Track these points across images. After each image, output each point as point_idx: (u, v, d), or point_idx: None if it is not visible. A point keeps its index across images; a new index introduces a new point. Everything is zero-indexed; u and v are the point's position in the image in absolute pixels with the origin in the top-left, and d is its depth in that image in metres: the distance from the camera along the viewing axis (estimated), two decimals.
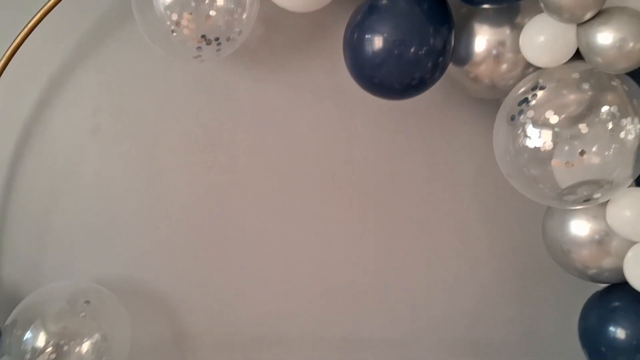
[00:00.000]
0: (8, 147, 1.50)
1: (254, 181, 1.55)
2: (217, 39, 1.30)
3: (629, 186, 1.20)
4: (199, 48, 1.33)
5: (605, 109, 1.13)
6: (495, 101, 1.33)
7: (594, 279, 1.33)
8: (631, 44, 1.09)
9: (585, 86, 1.15)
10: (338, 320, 1.57)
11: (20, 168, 1.52)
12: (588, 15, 1.12)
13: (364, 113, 1.54)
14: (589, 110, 1.14)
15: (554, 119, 1.12)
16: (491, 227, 1.56)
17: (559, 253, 1.33)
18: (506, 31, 1.25)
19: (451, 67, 1.31)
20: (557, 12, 1.12)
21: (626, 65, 1.12)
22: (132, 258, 1.54)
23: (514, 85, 1.25)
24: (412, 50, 1.20)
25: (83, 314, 1.37)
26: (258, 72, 1.53)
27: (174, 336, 1.56)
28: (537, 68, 1.22)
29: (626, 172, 1.15)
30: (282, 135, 1.54)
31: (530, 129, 1.14)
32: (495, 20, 1.26)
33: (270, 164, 1.54)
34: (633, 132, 1.14)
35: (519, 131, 1.16)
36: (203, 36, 1.29)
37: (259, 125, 1.54)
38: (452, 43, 1.25)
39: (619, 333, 1.26)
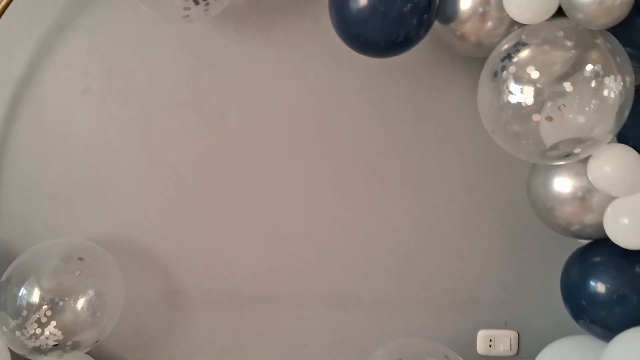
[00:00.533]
0: (0, 108, 1.52)
1: (243, 141, 1.56)
2: None
3: (610, 142, 1.22)
4: (186, 8, 1.33)
5: (589, 67, 1.14)
6: (482, 60, 1.33)
7: (577, 235, 1.35)
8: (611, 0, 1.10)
9: (569, 44, 1.15)
10: (327, 278, 1.60)
11: (13, 129, 1.53)
12: None
13: (353, 74, 1.54)
14: (573, 69, 1.14)
15: (535, 74, 1.13)
16: (478, 186, 1.57)
17: (543, 210, 1.35)
18: None
19: (438, 26, 1.31)
20: None
21: (607, 20, 1.12)
22: (125, 217, 1.57)
23: (499, 43, 1.26)
24: (397, 7, 1.20)
25: (78, 272, 1.40)
26: (247, 34, 1.53)
27: (168, 293, 1.59)
28: (522, 26, 1.23)
29: (607, 129, 1.17)
30: (271, 96, 1.55)
31: (513, 85, 1.15)
32: None
33: (260, 125, 1.56)
34: (615, 89, 1.15)
35: (502, 87, 1.17)
36: None
37: (248, 87, 1.55)
38: (437, 1, 1.25)
39: (600, 287, 1.29)
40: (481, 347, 1.60)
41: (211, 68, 1.54)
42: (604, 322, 1.29)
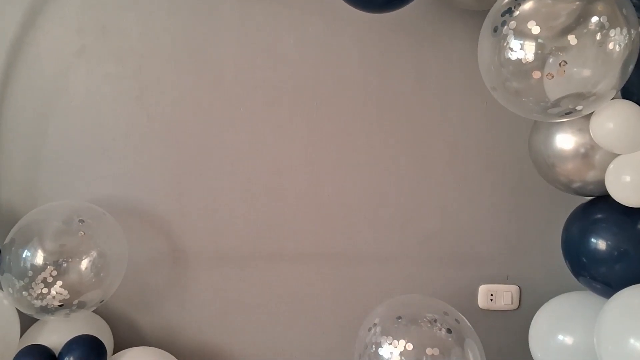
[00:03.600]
0: None
1: (241, 97, 1.54)
2: None
3: (613, 98, 1.19)
4: None
5: (594, 19, 1.10)
6: (484, 14, 1.28)
7: (578, 192, 1.34)
8: None
9: None
10: (328, 235, 1.60)
11: (9, 90, 1.52)
12: None
13: (352, 29, 1.51)
14: (577, 21, 1.10)
15: (536, 30, 1.09)
16: (480, 142, 1.55)
17: (544, 167, 1.33)
18: None
19: None
20: None
21: None
22: (125, 177, 1.57)
23: None
24: None
25: (82, 232, 1.40)
26: None
27: (171, 252, 1.61)
28: None
29: (611, 84, 1.13)
30: (269, 52, 1.52)
31: (513, 41, 1.11)
32: None
33: (258, 80, 1.53)
34: (621, 42, 1.11)
35: (502, 43, 1.13)
36: None
37: (245, 42, 1.52)
38: None
39: (601, 244, 1.28)
40: (482, 302, 1.62)
41: (207, 23, 1.51)
42: (604, 279, 1.28)
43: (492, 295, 1.61)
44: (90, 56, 1.51)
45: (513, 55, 1.11)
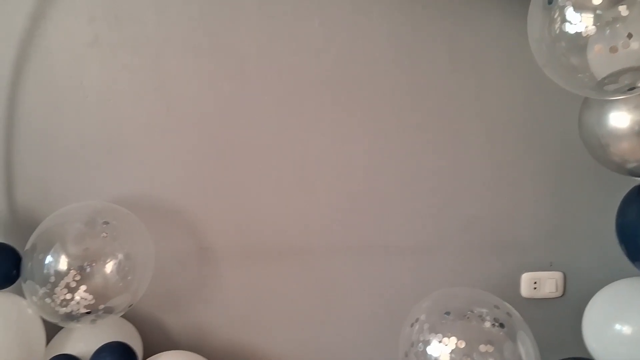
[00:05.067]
0: (6, 65, 1.42)
1: (265, 86, 1.46)
2: None
3: None
4: None
5: None
6: None
7: (633, 172, 1.27)
8: None
9: None
10: (361, 228, 1.53)
11: (21, 87, 1.44)
12: None
13: (381, 7, 1.42)
14: None
15: (596, 0, 1.01)
16: (522, 123, 1.47)
17: (597, 147, 1.26)
18: None
19: None
20: None
21: None
22: (146, 174, 1.49)
23: None
24: None
25: (104, 234, 1.33)
26: None
27: (197, 251, 1.53)
28: None
29: None
30: (292, 37, 1.44)
31: (570, 12, 1.03)
32: None
33: (282, 68, 1.45)
34: None
35: (557, 15, 1.05)
36: None
37: (266, 27, 1.43)
38: None
39: None
40: (525, 290, 1.55)
41: (226, 8, 1.43)
42: None
43: (535, 283, 1.54)
44: (104, 47, 1.43)
45: (571, 29, 1.03)
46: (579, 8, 1.03)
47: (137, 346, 1.46)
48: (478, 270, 1.54)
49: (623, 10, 1.02)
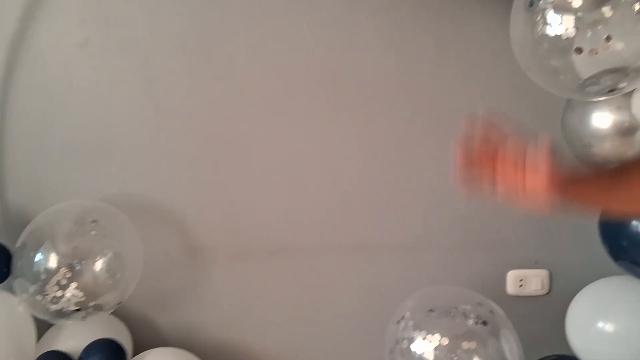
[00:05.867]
0: None
1: (254, 86, 1.47)
2: None
3: None
4: None
5: None
6: None
7: None
8: None
9: None
10: (349, 226, 1.54)
11: (12, 88, 1.45)
12: None
13: (369, 6, 1.43)
14: None
15: (577, 2, 1.02)
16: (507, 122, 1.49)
17: (579, 147, 1.27)
18: None
19: None
20: None
21: None
22: (136, 173, 1.50)
23: None
24: None
25: (94, 232, 1.35)
26: None
27: (187, 249, 1.55)
28: None
29: None
30: (281, 36, 1.45)
31: (551, 15, 1.04)
32: None
33: (271, 68, 1.46)
34: None
35: (539, 18, 1.06)
36: None
37: (256, 27, 1.44)
38: None
39: None
40: (511, 288, 1.56)
41: (215, 8, 1.44)
42: None
43: (521, 280, 1.56)
44: (94, 49, 1.44)
45: (551, 31, 1.04)
46: (560, 10, 1.04)
47: (127, 343, 1.47)
48: (465, 268, 1.56)
49: (607, 11, 1.03)
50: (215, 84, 1.47)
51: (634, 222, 1.23)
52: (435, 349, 1.21)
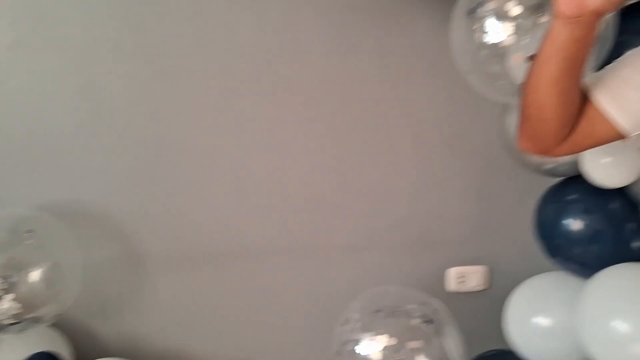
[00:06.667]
0: None
1: (197, 86, 1.44)
2: None
3: None
4: None
5: None
6: None
7: (550, 173, 1.33)
8: None
9: None
10: (294, 229, 1.54)
11: None
12: None
13: (313, 10, 1.43)
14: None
15: (517, 10, 1.05)
16: (447, 125, 1.53)
17: (516, 150, 1.31)
18: None
19: None
20: None
21: None
22: (73, 178, 1.45)
23: None
24: None
25: (30, 242, 1.29)
26: None
27: (130, 257, 1.50)
28: None
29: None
30: (224, 36, 1.42)
31: (491, 23, 1.07)
32: None
33: (213, 68, 1.43)
34: None
35: (479, 25, 1.09)
36: None
37: (197, 27, 1.41)
38: None
39: (575, 225, 1.28)
40: (452, 284, 1.61)
41: (155, 7, 1.39)
42: (581, 260, 1.29)
43: (462, 277, 1.60)
44: (28, 49, 1.37)
45: (490, 38, 1.07)
46: (499, 18, 1.07)
47: (68, 355, 1.42)
48: (408, 267, 1.59)
49: (545, 18, 1.07)
50: (154, 85, 1.43)
51: (568, 220, 1.29)
52: (384, 349, 1.23)
